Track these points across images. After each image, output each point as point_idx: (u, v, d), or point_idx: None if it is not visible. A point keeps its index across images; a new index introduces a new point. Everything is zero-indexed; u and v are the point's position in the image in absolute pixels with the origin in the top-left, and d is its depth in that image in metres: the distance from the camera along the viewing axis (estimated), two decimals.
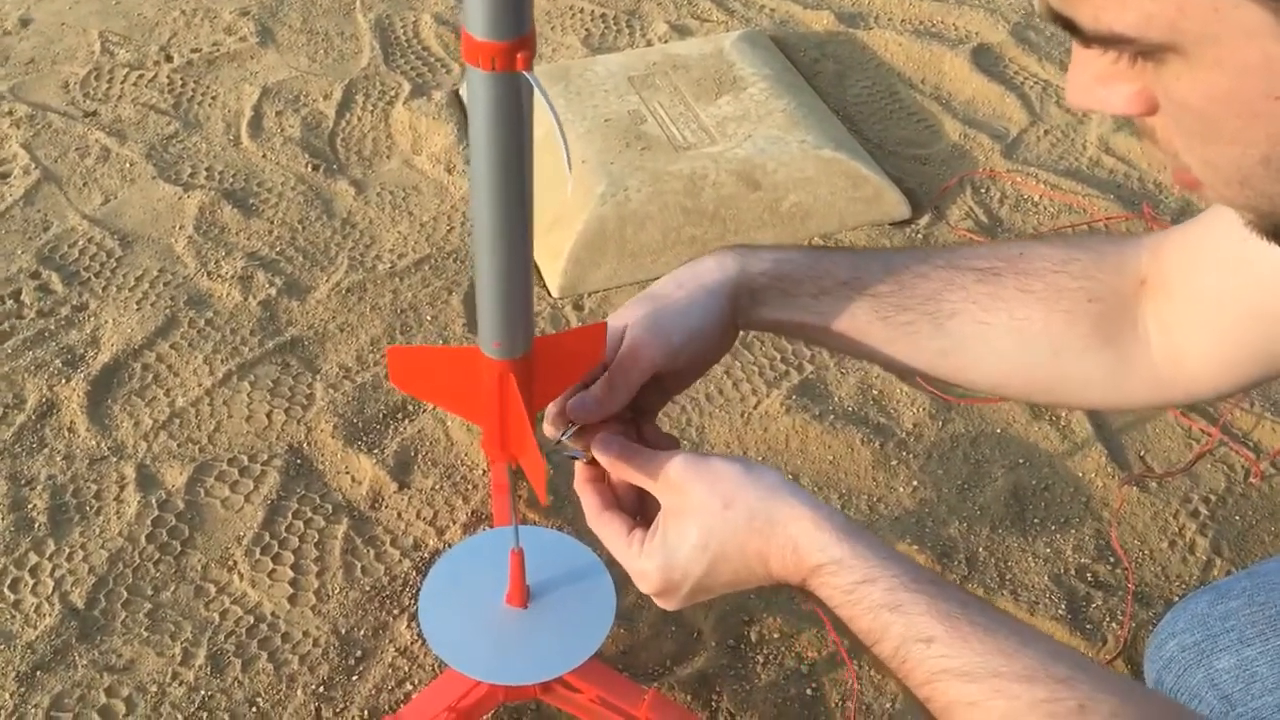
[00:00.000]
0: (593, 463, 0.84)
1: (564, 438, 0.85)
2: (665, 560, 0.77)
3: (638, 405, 0.87)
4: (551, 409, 0.88)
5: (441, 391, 0.90)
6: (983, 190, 1.98)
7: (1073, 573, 1.42)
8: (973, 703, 0.67)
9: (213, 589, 1.39)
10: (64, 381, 1.62)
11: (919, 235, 1.87)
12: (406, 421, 1.58)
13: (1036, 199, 1.96)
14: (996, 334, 0.84)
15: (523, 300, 0.78)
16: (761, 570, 0.75)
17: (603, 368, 0.85)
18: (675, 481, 0.78)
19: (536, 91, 0.64)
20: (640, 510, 0.85)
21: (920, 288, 0.85)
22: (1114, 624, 1.36)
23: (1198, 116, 0.51)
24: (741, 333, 0.91)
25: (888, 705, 1.28)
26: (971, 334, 0.85)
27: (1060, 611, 1.37)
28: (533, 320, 0.80)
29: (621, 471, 0.82)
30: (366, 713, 1.27)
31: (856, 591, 0.71)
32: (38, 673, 1.29)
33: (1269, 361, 0.80)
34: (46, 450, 1.53)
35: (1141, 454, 1.56)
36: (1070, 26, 0.51)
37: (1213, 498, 1.50)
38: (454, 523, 1.46)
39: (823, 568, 0.72)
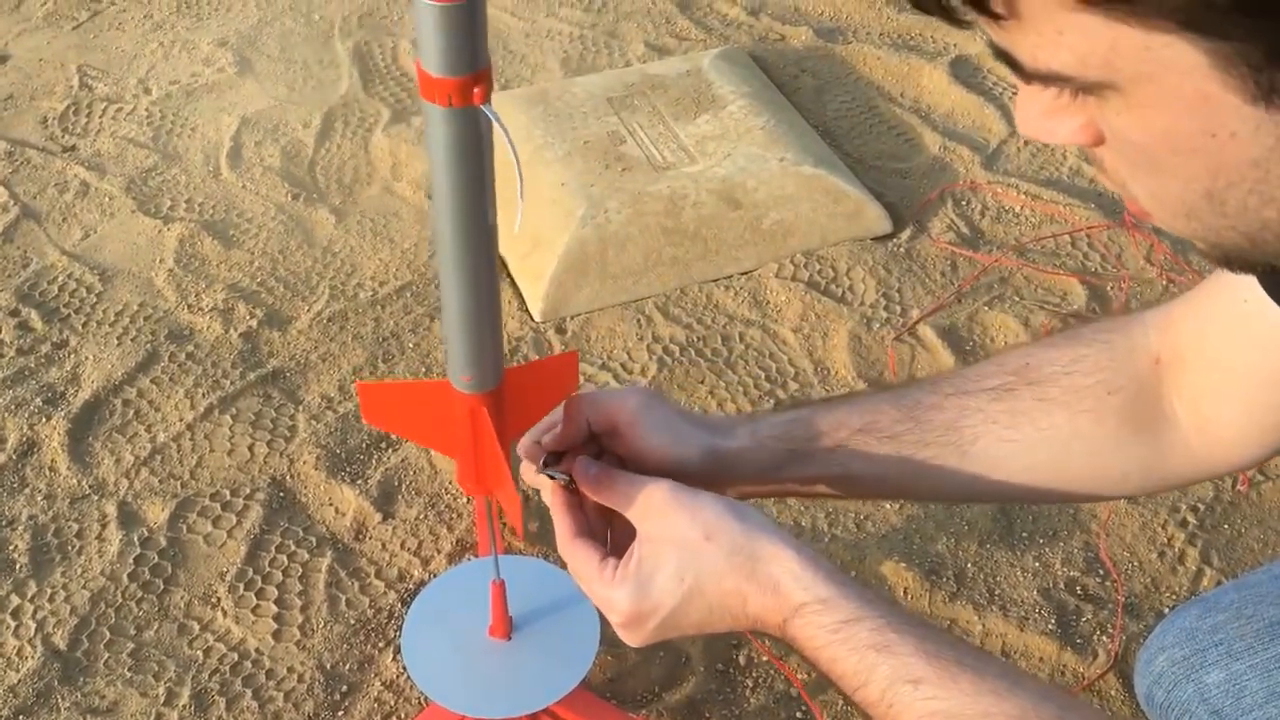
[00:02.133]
0: (570, 486, 0.83)
1: (542, 470, 0.84)
2: (637, 589, 0.75)
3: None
4: (525, 440, 0.87)
5: (414, 426, 0.89)
6: (964, 203, 1.98)
7: (1062, 586, 1.41)
8: None
9: (196, 626, 1.37)
10: (44, 420, 1.61)
11: (901, 249, 1.87)
12: (390, 451, 1.57)
13: (1018, 210, 1.96)
14: (1024, 449, 0.83)
15: (491, 334, 0.77)
16: (738, 609, 0.74)
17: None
18: (657, 508, 0.76)
19: (496, 126, 0.64)
20: (610, 541, 0.84)
21: (936, 420, 0.84)
22: (1104, 637, 1.36)
23: (1140, 151, 0.52)
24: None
25: None
26: (999, 455, 0.83)
27: (1050, 626, 1.36)
28: (502, 353, 0.80)
29: (602, 494, 0.81)
30: None
31: (842, 631, 0.70)
32: (20, 717, 1.28)
33: None
34: (27, 490, 1.52)
35: None
36: (1011, 63, 0.52)
37: (1201, 507, 1.49)
38: (439, 552, 1.45)
39: (806, 606, 0.71)
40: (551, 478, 0.83)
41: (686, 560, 0.74)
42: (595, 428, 0.84)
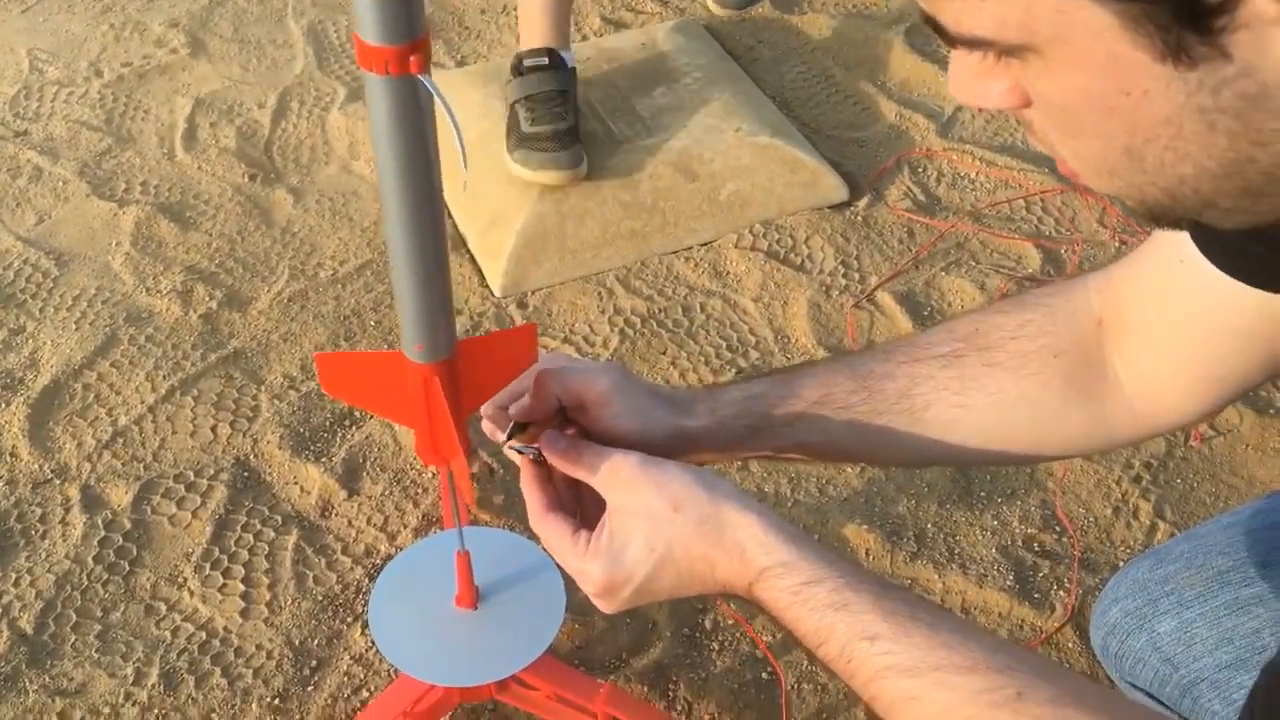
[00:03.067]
0: (539, 461, 0.84)
1: (509, 440, 0.84)
2: (610, 560, 0.77)
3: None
4: (487, 408, 0.88)
5: (371, 396, 0.90)
6: (920, 170, 2.00)
7: (1019, 543, 1.44)
8: (915, 697, 0.68)
9: (163, 607, 1.38)
10: (4, 405, 1.60)
11: (858, 217, 1.89)
12: (354, 428, 1.57)
13: (973, 176, 1.98)
14: (974, 414, 0.85)
15: (441, 303, 0.78)
16: (708, 575, 0.75)
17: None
18: (625, 480, 0.77)
19: (438, 102, 0.64)
20: (579, 512, 0.84)
21: (889, 389, 0.86)
22: (1061, 592, 1.38)
23: (1061, 111, 0.53)
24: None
25: (842, 685, 1.29)
26: (950, 420, 0.85)
27: (1008, 582, 1.39)
28: (454, 323, 0.80)
29: (570, 467, 0.81)
30: None
31: (802, 593, 0.71)
32: None
33: (1238, 378, 0.80)
34: None
35: None
36: (937, 28, 0.54)
37: (1154, 463, 1.52)
38: (405, 527, 1.46)
39: (769, 570, 0.73)
40: (520, 452, 0.83)
41: (656, 531, 0.76)
42: (564, 403, 0.85)
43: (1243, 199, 0.54)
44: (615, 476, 0.78)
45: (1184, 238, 0.76)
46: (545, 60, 1.86)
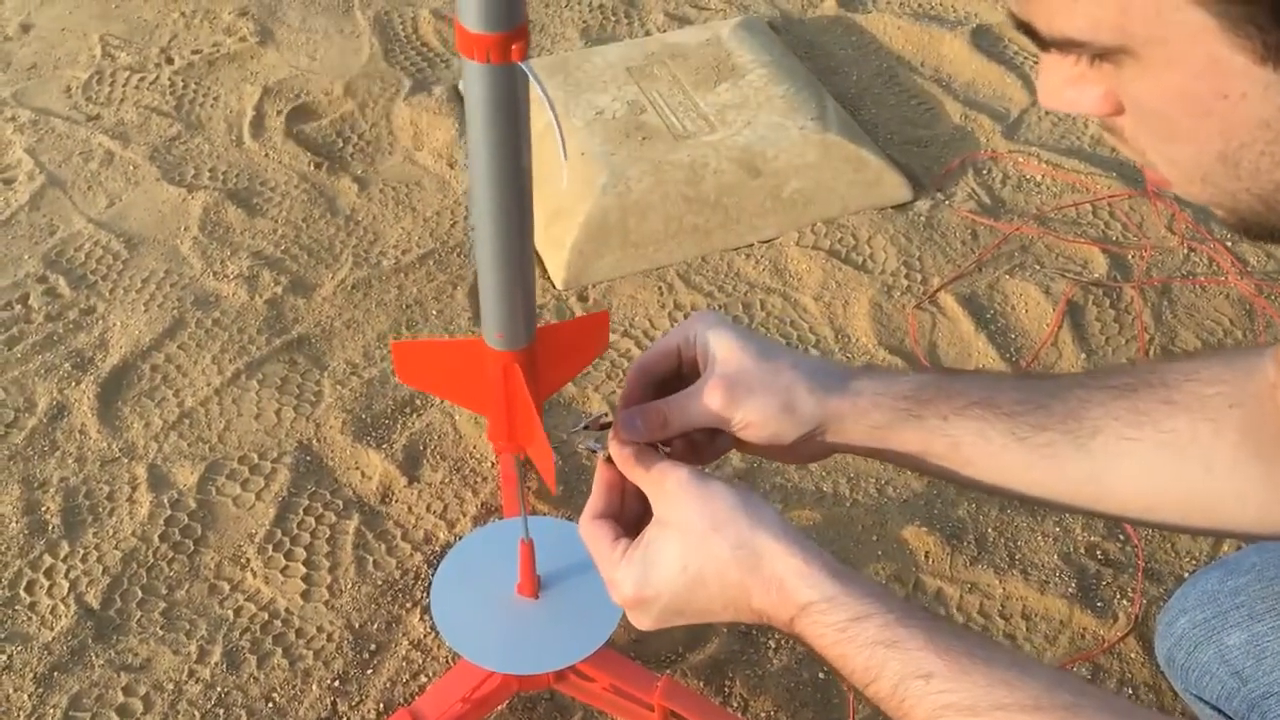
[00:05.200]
0: (609, 460, 0.82)
1: (580, 429, 0.83)
2: (642, 573, 0.75)
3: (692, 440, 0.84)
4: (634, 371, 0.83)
5: (447, 384, 0.91)
6: (984, 171, 1.98)
7: (1082, 551, 1.42)
8: None
9: (226, 586, 1.39)
10: (74, 384, 1.63)
11: (921, 218, 1.87)
12: (415, 416, 1.59)
13: (1039, 179, 1.96)
14: (1145, 450, 0.78)
15: (525, 291, 0.78)
16: (742, 602, 0.73)
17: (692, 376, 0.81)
18: (670, 491, 0.75)
19: (533, 82, 0.65)
20: (639, 525, 0.83)
21: (1057, 407, 0.80)
22: (1124, 601, 1.37)
23: (1155, 116, 0.53)
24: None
25: None
26: (1118, 452, 0.78)
27: (1071, 590, 1.37)
28: (535, 311, 0.81)
29: (627, 469, 0.80)
30: (382, 705, 1.28)
31: (850, 629, 0.69)
32: (55, 674, 1.30)
33: None
34: (58, 453, 1.54)
35: None
36: (1029, 31, 0.53)
37: None
38: (464, 515, 1.47)
39: (813, 605, 0.70)
40: (593, 451, 0.82)
41: (691, 549, 0.73)
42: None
43: None
44: (661, 486, 0.76)
45: None
46: None
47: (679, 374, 0.84)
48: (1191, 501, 0.79)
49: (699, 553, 0.73)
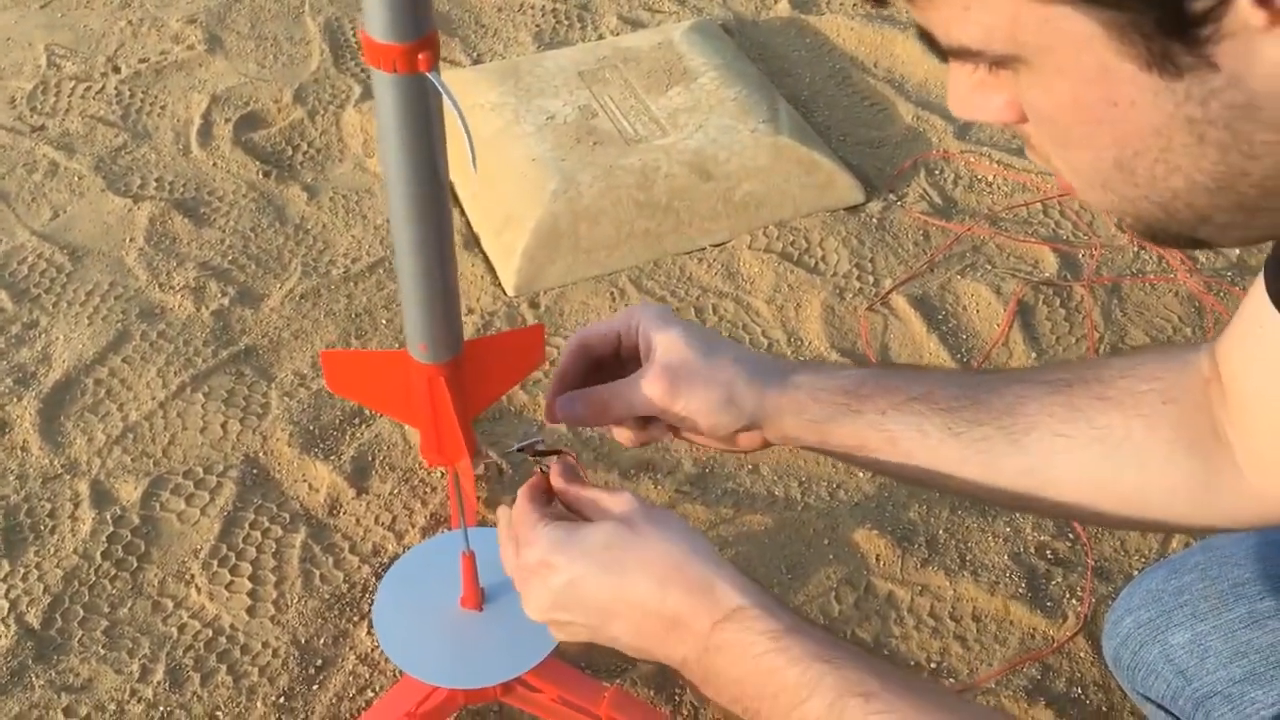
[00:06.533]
0: (545, 475, 0.82)
1: (517, 451, 0.83)
2: (563, 537, 0.72)
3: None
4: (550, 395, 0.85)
5: (376, 396, 0.89)
6: (937, 172, 1.98)
7: (1032, 551, 1.42)
8: None
9: (170, 604, 1.37)
10: (15, 400, 1.60)
11: (873, 220, 1.87)
12: (363, 426, 1.57)
13: (990, 179, 1.96)
14: (1078, 446, 0.78)
15: (446, 303, 0.77)
16: (655, 600, 0.70)
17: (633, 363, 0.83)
18: (618, 503, 0.75)
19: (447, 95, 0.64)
20: None
21: (994, 402, 0.80)
22: (1074, 600, 1.37)
23: (1052, 123, 0.53)
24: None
25: None
26: (1051, 448, 0.78)
27: (1021, 590, 1.37)
28: (460, 323, 0.79)
29: (568, 496, 0.79)
30: None
31: (784, 639, 0.66)
32: None
33: None
34: None
35: None
36: (929, 41, 0.53)
37: None
38: (413, 527, 1.45)
39: (745, 611, 0.68)
40: (536, 457, 0.81)
41: (621, 535, 0.72)
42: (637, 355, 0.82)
43: (1237, 214, 0.52)
44: (607, 508, 0.75)
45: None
46: None
47: (617, 357, 0.84)
48: (1126, 496, 0.79)
49: (628, 540, 0.71)
